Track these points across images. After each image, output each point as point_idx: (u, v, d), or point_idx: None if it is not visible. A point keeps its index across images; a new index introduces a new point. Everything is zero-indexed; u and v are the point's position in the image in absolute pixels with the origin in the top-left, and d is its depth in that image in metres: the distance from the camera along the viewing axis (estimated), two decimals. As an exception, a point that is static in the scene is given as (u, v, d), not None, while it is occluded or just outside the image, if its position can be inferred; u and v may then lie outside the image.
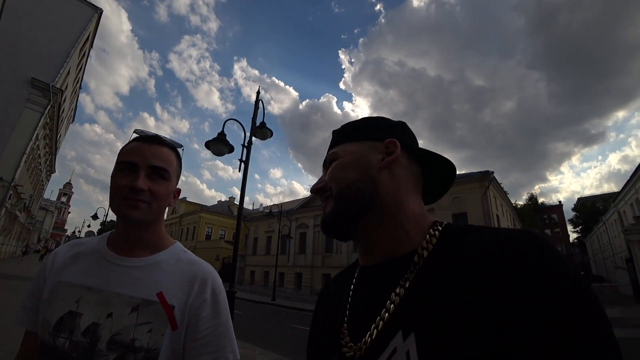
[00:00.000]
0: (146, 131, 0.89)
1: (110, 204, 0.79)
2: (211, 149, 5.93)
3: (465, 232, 0.48)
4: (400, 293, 0.47)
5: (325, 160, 0.64)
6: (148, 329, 0.73)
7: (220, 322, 0.80)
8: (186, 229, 45.08)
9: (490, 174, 18.82)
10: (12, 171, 16.23)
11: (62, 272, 0.79)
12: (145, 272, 0.79)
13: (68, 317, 0.73)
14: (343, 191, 0.56)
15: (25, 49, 17.58)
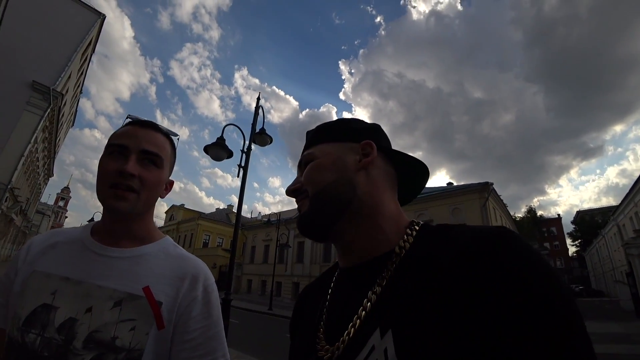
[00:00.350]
0: (140, 117, 0.82)
1: (97, 192, 0.72)
2: (210, 154, 5.92)
3: (441, 230, 0.49)
4: (377, 291, 0.47)
5: (301, 161, 0.63)
6: (131, 327, 0.66)
7: (212, 322, 0.74)
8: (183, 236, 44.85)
9: (490, 185, 18.80)
10: (9, 174, 16.14)
11: (38, 261, 0.71)
12: (131, 264, 0.72)
13: (41, 311, 0.65)
14: (319, 193, 0.56)
15: (27, 51, 17.65)
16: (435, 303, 0.39)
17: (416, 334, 0.39)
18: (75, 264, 0.71)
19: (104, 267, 0.71)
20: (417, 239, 0.51)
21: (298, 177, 0.62)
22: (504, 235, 0.40)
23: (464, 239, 0.43)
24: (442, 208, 20.63)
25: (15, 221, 25.18)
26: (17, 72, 16.87)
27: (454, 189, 21.15)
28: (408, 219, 0.57)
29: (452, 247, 0.43)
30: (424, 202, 21.63)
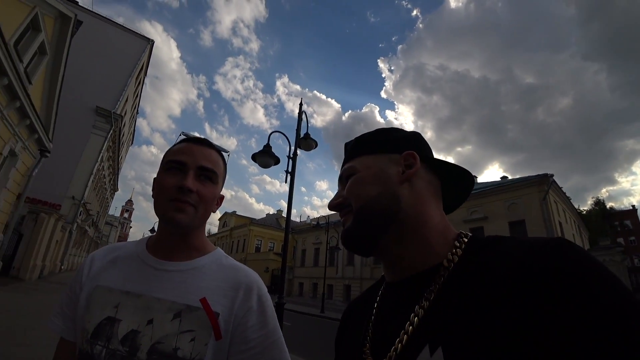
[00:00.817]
0: (193, 134, 0.83)
1: (155, 206, 0.75)
2: (257, 162, 6.11)
3: (492, 242, 0.47)
4: (425, 306, 0.46)
5: (342, 175, 0.62)
6: (191, 338, 0.67)
7: (269, 331, 0.74)
8: (236, 242, 46.86)
9: (550, 177, 17.23)
10: (82, 190, 17.93)
11: (100, 276, 0.75)
12: (187, 276, 0.75)
13: (106, 324, 0.68)
14: (363, 207, 0.55)
15: (90, 80, 19.59)
16: (488, 319, 0.37)
17: (468, 352, 0.37)
18: (135, 278, 0.74)
19: (161, 281, 0.73)
20: (466, 252, 0.48)
21: (340, 192, 0.61)
22: (563, 246, 0.38)
23: (519, 251, 0.41)
24: (497, 204, 19.33)
25: (89, 232, 27.96)
26: (83, 100, 18.79)
27: (510, 183, 19.69)
28: (456, 231, 0.54)
29: (506, 261, 0.41)
30: (477, 198, 20.42)
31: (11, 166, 9.61)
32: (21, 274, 12.44)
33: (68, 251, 20.33)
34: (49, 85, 10.39)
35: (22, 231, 12.60)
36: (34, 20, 8.14)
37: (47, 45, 9.25)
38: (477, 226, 19.91)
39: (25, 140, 9.71)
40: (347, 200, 0.58)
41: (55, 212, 14.74)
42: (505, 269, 0.40)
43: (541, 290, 0.35)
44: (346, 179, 0.60)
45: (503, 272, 0.40)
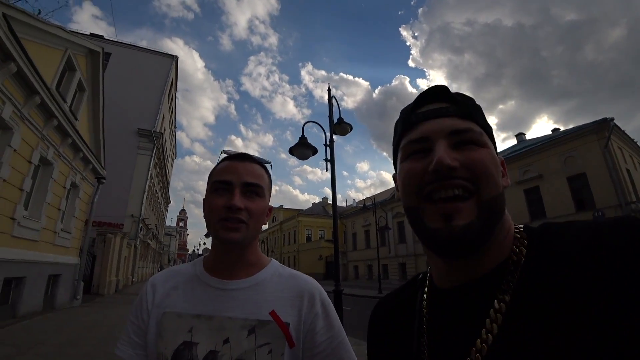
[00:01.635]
0: (233, 150, 0.89)
1: (207, 226, 0.78)
2: (295, 154, 6.19)
3: (552, 231, 0.43)
4: (502, 309, 0.39)
5: (460, 130, 0.46)
6: (268, 350, 0.70)
7: (335, 333, 0.78)
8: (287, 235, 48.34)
9: (610, 121, 15.47)
10: (139, 208, 19.40)
11: (165, 302, 0.78)
12: (252, 292, 0.77)
13: (184, 349, 0.71)
14: (496, 201, 0.43)
15: (127, 105, 20.88)
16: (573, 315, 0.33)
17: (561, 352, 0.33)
18: (202, 301, 0.76)
19: (228, 300, 0.76)
20: (531, 244, 0.43)
21: (449, 151, 0.44)
22: (633, 225, 0.35)
23: (587, 235, 0.37)
24: (551, 159, 17.83)
25: (151, 245, 30.38)
26: (125, 124, 20.12)
27: (563, 135, 18.01)
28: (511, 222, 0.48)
29: (576, 248, 0.37)
30: (528, 156, 19.02)
31: (75, 196, 10.63)
32: (100, 290, 13.88)
33: (136, 264, 22.26)
34: (92, 118, 11.26)
35: (94, 252, 13.98)
36: (68, 61, 8.79)
37: (84, 81, 10.00)
38: (532, 186, 18.60)
39: (82, 171, 10.66)
40: (467, 172, 0.43)
41: (119, 231, 16.16)
42: (579, 257, 0.36)
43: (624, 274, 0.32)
44: (461, 142, 0.45)
45: (578, 262, 0.36)
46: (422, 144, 0.47)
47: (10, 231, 6.95)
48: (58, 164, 8.88)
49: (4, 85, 6.03)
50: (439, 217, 0.42)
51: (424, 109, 0.49)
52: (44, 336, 5.95)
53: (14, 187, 6.97)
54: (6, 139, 6.51)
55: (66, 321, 7.57)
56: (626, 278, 0.32)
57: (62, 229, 9.58)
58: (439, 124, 0.46)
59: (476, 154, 0.44)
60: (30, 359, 4.58)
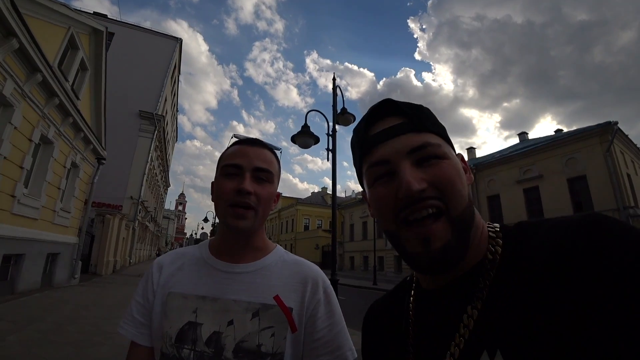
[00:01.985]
0: (244, 135, 0.86)
1: (216, 210, 0.79)
2: (297, 143, 6.17)
3: (526, 229, 0.44)
4: (478, 306, 0.41)
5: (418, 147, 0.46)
6: (271, 334, 0.72)
7: (335, 320, 0.79)
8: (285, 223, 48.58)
9: (614, 125, 15.39)
10: (138, 190, 19.44)
11: (171, 283, 0.79)
12: (257, 276, 0.78)
13: (188, 328, 0.72)
14: (464, 214, 0.44)
15: (130, 86, 20.72)
16: (542, 316, 0.34)
17: (530, 352, 0.34)
18: (207, 283, 0.77)
19: (233, 283, 0.77)
20: (506, 243, 0.44)
21: (414, 171, 0.44)
22: (598, 222, 0.36)
23: (557, 234, 0.38)
24: (552, 160, 17.81)
25: (149, 227, 30.54)
26: (127, 106, 20.00)
27: (566, 136, 17.95)
28: (484, 222, 0.50)
29: (546, 247, 0.38)
30: (530, 155, 19.00)
31: (75, 176, 10.62)
32: (98, 270, 14.03)
33: (134, 246, 22.43)
34: (94, 98, 11.17)
35: (93, 232, 14.06)
36: (71, 39, 8.68)
37: (86, 61, 9.88)
38: (532, 186, 18.64)
39: (82, 151, 10.63)
40: (435, 191, 0.43)
41: (118, 213, 16.22)
42: (547, 257, 0.37)
43: (587, 272, 0.33)
44: (423, 158, 0.45)
45: (546, 261, 0.37)
46: (384, 167, 0.47)
47: (10, 208, 6.97)
48: (59, 143, 8.85)
49: (5, 61, 5.96)
50: (418, 242, 0.43)
51: (377, 129, 0.49)
52: (43, 313, 6.02)
53: (14, 165, 6.96)
54: (7, 116, 6.47)
55: (64, 299, 7.66)
56: (585, 277, 0.33)
57: (61, 208, 9.61)
58: (396, 145, 0.46)
59: (440, 170, 0.44)
60: (29, 335, 4.64)
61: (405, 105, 0.50)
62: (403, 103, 0.50)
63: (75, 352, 4.13)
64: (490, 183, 21.36)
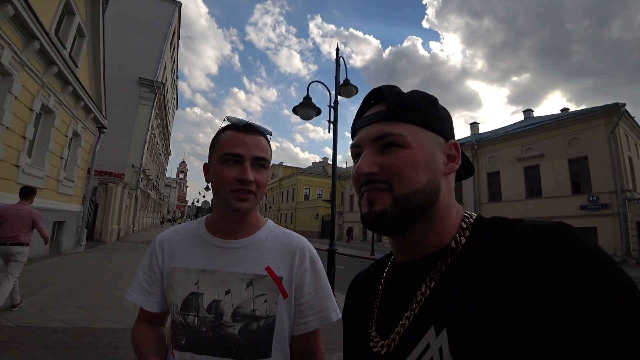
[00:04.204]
0: (237, 118, 0.93)
1: (215, 195, 0.86)
2: (299, 114, 6.16)
3: (498, 225, 0.47)
4: (431, 285, 0.46)
5: (380, 136, 0.51)
6: (264, 300, 0.83)
7: (321, 286, 0.90)
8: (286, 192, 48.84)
9: (621, 107, 15.08)
10: (140, 158, 19.52)
11: (174, 259, 0.89)
12: (250, 250, 0.87)
13: (191, 298, 0.83)
14: (410, 196, 0.48)
15: (129, 53, 20.19)
16: (489, 302, 0.38)
17: (471, 334, 0.37)
18: (206, 258, 0.87)
19: (229, 257, 0.86)
20: (473, 234, 0.48)
21: (372, 157, 0.51)
22: (561, 231, 0.38)
23: (521, 235, 0.40)
24: (555, 140, 17.63)
25: (151, 195, 30.92)
26: (126, 73, 19.60)
27: (571, 116, 17.65)
28: (463, 212, 0.54)
29: (508, 244, 0.41)
30: (533, 134, 18.78)
31: (77, 145, 10.67)
32: (102, 237, 14.41)
33: (137, 214, 22.83)
34: (93, 65, 10.96)
35: (97, 200, 14.31)
36: (67, 4, 8.37)
37: (83, 26, 9.59)
38: (532, 164, 18.61)
39: (83, 120, 10.60)
40: (384, 175, 0.50)
41: (120, 181, 16.41)
42: (507, 254, 0.40)
43: (537, 274, 0.35)
44: (385, 145, 0.51)
45: (505, 257, 0.40)
46: (356, 149, 0.55)
47: (15, 178, 7.08)
48: (59, 112, 8.81)
49: (2, 29, 5.83)
50: (365, 204, 0.51)
51: (366, 114, 0.56)
52: (53, 279, 6.33)
53: (17, 135, 6.99)
54: (7, 86, 6.41)
55: (72, 265, 7.99)
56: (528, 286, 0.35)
57: (65, 177, 9.74)
58: (367, 132, 0.53)
59: (392, 158, 0.50)
60: (42, 299, 4.93)
61: (392, 94, 0.54)
62: (391, 92, 0.54)
63: (87, 315, 4.42)
64: (491, 159, 21.28)
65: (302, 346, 0.89)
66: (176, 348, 0.82)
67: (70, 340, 3.55)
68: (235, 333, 0.80)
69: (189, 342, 0.81)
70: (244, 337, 0.80)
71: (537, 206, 17.87)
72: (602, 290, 0.32)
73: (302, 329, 0.87)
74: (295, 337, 0.88)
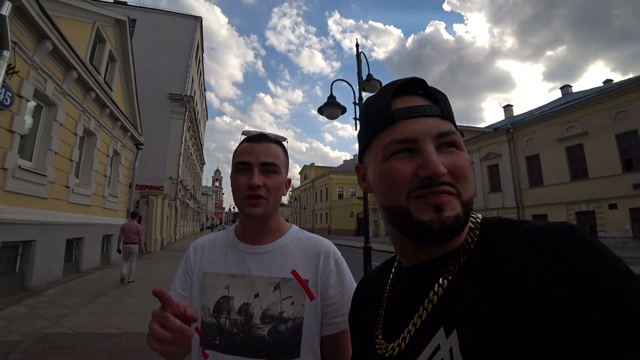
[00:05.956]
0: (252, 131, 0.98)
1: (234, 202, 0.92)
2: (324, 114, 6.23)
3: (504, 226, 0.46)
4: (444, 285, 0.45)
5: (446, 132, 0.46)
6: (291, 302, 0.86)
7: (346, 287, 0.91)
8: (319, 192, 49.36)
9: (675, 70, 13.66)
10: (176, 170, 20.47)
11: (205, 265, 0.94)
12: (276, 255, 0.91)
13: (223, 301, 0.88)
14: (470, 202, 0.47)
15: (157, 71, 21.19)
16: (500, 303, 0.37)
17: (482, 336, 0.37)
18: (235, 263, 0.92)
19: (257, 262, 0.90)
20: (482, 235, 0.47)
21: (436, 155, 0.44)
22: (568, 230, 0.37)
23: (527, 236, 0.40)
24: (599, 115, 16.34)
25: (190, 205, 32.35)
26: (157, 90, 20.60)
27: (615, 87, 16.27)
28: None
29: (515, 245, 0.40)
30: (573, 111, 17.57)
31: (118, 163, 11.43)
32: (147, 247, 15.23)
33: (177, 223, 23.95)
34: (126, 87, 11.69)
35: (139, 213, 15.20)
36: (97, 33, 9.02)
37: (114, 52, 10.28)
38: (575, 144, 17.41)
39: (122, 139, 11.33)
40: (450, 178, 0.45)
41: (160, 193, 17.33)
42: (515, 255, 0.39)
43: (545, 274, 0.35)
44: (448, 143, 0.46)
45: (512, 258, 0.39)
46: (407, 145, 0.46)
47: (66, 198, 7.76)
48: (100, 134, 9.50)
49: (43, 63, 6.40)
50: (431, 209, 0.43)
51: (403, 104, 0.48)
52: (106, 288, 6.85)
53: (64, 159, 7.64)
54: (52, 115, 7.04)
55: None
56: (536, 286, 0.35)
57: (109, 193, 10.48)
58: (425, 125, 0.46)
59: (458, 160, 0.45)
60: (97, 308, 5.36)
61: (435, 89, 0.50)
62: (435, 89, 0.50)
63: (137, 321, 4.75)
64: (528, 142, 20.16)
65: (331, 347, 0.90)
66: (208, 348, 0.87)
67: (123, 345, 3.84)
68: (265, 334, 0.84)
69: (222, 342, 0.85)
70: (273, 338, 0.83)
71: (584, 188, 16.77)
72: (611, 290, 0.31)
73: (330, 330, 0.89)
74: (324, 338, 0.90)
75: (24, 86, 5.83)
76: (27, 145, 6.61)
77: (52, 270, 7.03)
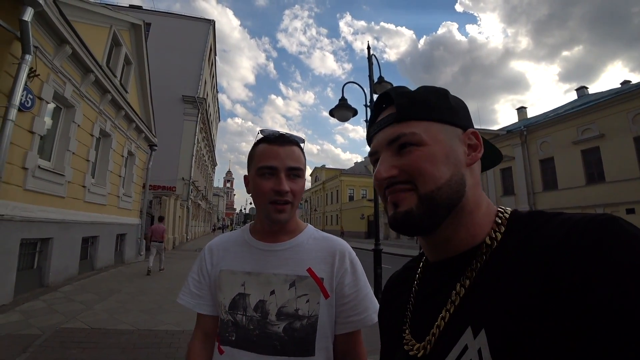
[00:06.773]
0: (270, 130, 0.96)
1: (256, 205, 0.93)
2: (336, 116, 6.26)
3: (536, 218, 0.44)
4: (466, 284, 0.44)
5: (394, 138, 0.51)
6: (306, 300, 0.86)
7: (361, 287, 0.92)
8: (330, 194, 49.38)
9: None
10: (189, 171, 20.75)
11: (221, 263, 0.95)
12: (292, 253, 0.92)
13: (239, 299, 0.89)
14: (435, 192, 0.47)
15: (171, 73, 21.57)
16: (531, 302, 0.35)
17: (513, 336, 0.35)
18: (251, 261, 0.92)
19: (272, 260, 0.91)
20: (509, 229, 0.46)
21: (389, 160, 0.51)
22: (609, 224, 0.35)
23: (563, 229, 0.38)
24: (616, 117, 15.89)
25: (202, 205, 32.74)
26: (170, 93, 20.98)
27: (633, 88, 15.76)
28: (496, 207, 0.52)
29: (548, 239, 0.38)
30: (589, 113, 17.10)
31: (132, 164, 11.67)
32: (161, 246, 15.54)
33: (189, 223, 24.25)
34: (141, 89, 11.94)
35: (152, 213, 15.48)
36: (114, 37, 9.27)
37: (130, 55, 10.52)
38: (591, 146, 16.96)
39: (136, 140, 11.57)
40: (405, 175, 0.49)
41: (172, 194, 17.64)
42: (549, 249, 0.37)
43: (583, 270, 0.33)
44: (400, 146, 0.50)
45: (546, 252, 0.37)
46: (374, 157, 0.55)
47: (82, 197, 7.97)
48: (115, 135, 9.74)
49: (63, 67, 6.61)
50: (391, 206, 0.51)
51: (378, 119, 0.56)
52: (119, 286, 7.01)
53: (81, 159, 7.86)
54: (71, 116, 7.26)
55: (135, 273, 8.78)
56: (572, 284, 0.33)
57: (123, 193, 10.71)
58: (380, 137, 0.53)
59: (410, 157, 0.49)
60: (111, 305, 5.49)
61: (399, 95, 0.53)
62: (398, 93, 0.53)
63: (149, 318, 4.86)
64: (542, 145, 19.75)
65: (344, 346, 0.91)
66: (224, 344, 0.88)
67: (136, 340, 3.94)
68: (280, 331, 0.84)
69: (238, 338, 0.87)
70: (288, 335, 0.84)
71: (600, 192, 16.29)
72: None
73: (344, 328, 0.90)
74: (337, 337, 0.91)
75: (44, 89, 6.03)
76: (46, 145, 6.83)
77: (68, 267, 7.23)
